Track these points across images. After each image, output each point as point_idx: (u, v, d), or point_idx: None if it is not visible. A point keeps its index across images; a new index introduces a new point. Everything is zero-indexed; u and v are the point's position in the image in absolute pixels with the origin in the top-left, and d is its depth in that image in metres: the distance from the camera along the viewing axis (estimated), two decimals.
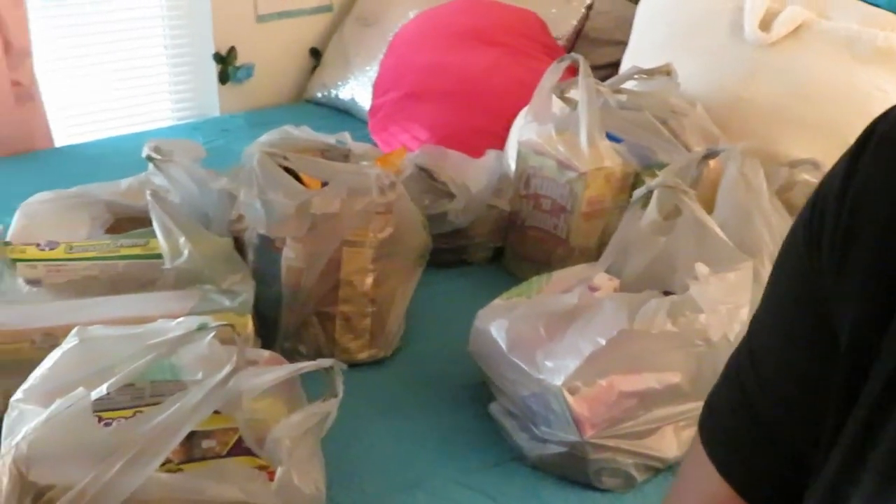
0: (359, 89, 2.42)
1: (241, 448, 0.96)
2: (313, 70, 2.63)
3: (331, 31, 2.63)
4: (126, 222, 1.45)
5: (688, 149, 1.54)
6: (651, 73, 1.71)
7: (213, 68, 2.49)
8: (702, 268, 1.14)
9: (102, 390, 0.87)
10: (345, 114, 2.47)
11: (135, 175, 1.52)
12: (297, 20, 2.59)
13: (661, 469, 1.14)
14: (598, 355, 1.08)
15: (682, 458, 1.09)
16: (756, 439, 0.50)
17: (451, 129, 1.99)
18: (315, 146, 1.53)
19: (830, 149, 0.50)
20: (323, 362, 1.01)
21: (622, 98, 1.65)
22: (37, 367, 0.95)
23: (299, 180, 1.36)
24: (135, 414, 0.93)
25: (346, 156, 1.53)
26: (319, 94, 2.55)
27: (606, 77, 1.79)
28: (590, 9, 2.31)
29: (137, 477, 0.84)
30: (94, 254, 1.29)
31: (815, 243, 0.46)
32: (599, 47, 2.25)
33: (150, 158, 1.42)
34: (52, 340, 1.04)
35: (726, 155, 1.39)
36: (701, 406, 0.56)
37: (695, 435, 0.56)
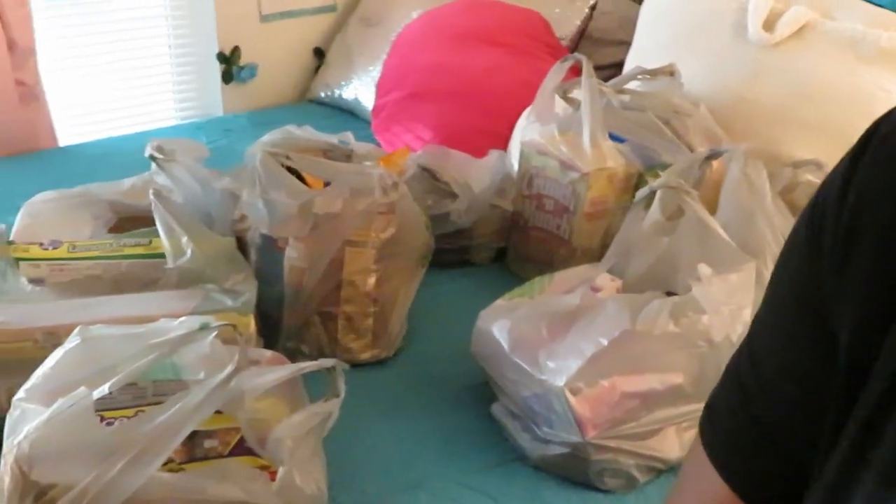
0: (362, 89, 2.42)
1: (242, 448, 0.97)
2: (317, 70, 2.63)
3: (334, 31, 2.64)
4: (129, 222, 1.46)
5: (691, 149, 1.54)
6: (654, 73, 1.71)
7: (216, 68, 2.49)
8: (704, 268, 1.14)
9: (104, 390, 0.88)
10: (348, 114, 2.47)
11: (138, 174, 1.52)
12: (301, 20, 2.59)
13: (663, 470, 1.14)
14: (600, 356, 1.08)
15: (684, 460, 1.09)
16: (756, 440, 0.50)
17: (454, 129, 1.99)
18: (318, 146, 1.53)
19: (834, 149, 0.50)
20: (325, 362, 1.01)
21: (625, 98, 1.64)
22: (39, 367, 0.95)
23: (302, 180, 1.36)
24: (137, 413, 0.93)
25: (348, 156, 1.53)
26: (323, 94, 2.55)
27: (610, 77, 1.79)
28: (593, 9, 2.31)
29: (139, 476, 0.84)
30: (97, 253, 1.29)
31: (816, 244, 0.46)
32: (603, 47, 2.24)
33: (153, 158, 1.43)
34: (54, 339, 1.04)
35: (729, 155, 1.39)
36: (703, 407, 0.56)
37: (696, 436, 0.56)
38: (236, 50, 2.49)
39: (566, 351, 1.11)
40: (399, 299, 1.38)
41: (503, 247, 1.70)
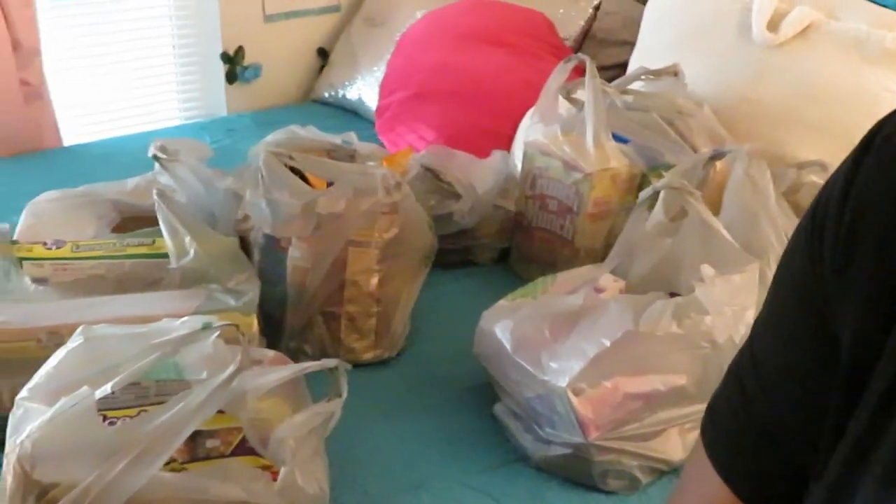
0: (366, 89, 2.42)
1: (244, 448, 0.97)
2: (321, 70, 2.63)
3: (338, 32, 2.64)
4: (133, 221, 1.46)
5: (694, 150, 1.54)
6: (658, 73, 1.71)
7: (220, 68, 2.50)
8: (707, 269, 1.13)
9: (107, 389, 0.88)
10: (352, 114, 2.47)
11: (142, 174, 1.53)
12: (305, 20, 2.59)
13: (665, 471, 1.14)
14: (602, 357, 1.08)
15: (686, 461, 1.08)
16: (757, 442, 0.50)
17: (457, 129, 1.99)
18: (321, 146, 1.53)
19: (838, 150, 0.50)
20: (327, 362, 1.01)
21: (629, 99, 1.64)
22: (42, 366, 0.95)
23: (305, 180, 1.36)
24: (139, 413, 0.93)
25: (351, 156, 1.53)
26: (327, 94, 2.55)
27: (614, 78, 1.79)
28: (597, 9, 2.30)
29: (141, 476, 0.84)
30: (100, 253, 1.29)
31: (817, 245, 0.46)
32: (607, 48, 2.24)
33: (156, 158, 1.43)
34: (57, 339, 1.04)
35: (733, 156, 1.38)
36: (705, 408, 0.56)
37: (698, 437, 0.56)
38: (240, 50, 2.50)
39: (569, 352, 1.11)
40: (402, 299, 1.38)
41: (506, 247, 1.70)
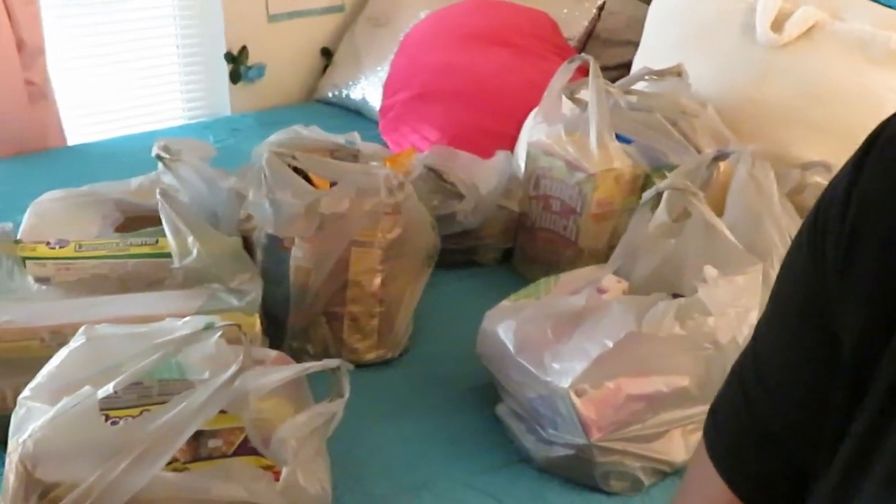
0: (370, 89, 2.42)
1: (247, 448, 0.97)
2: (324, 70, 2.63)
3: (342, 31, 2.64)
4: (136, 221, 1.46)
5: (698, 150, 1.54)
6: (662, 73, 1.71)
7: (224, 68, 2.50)
8: (711, 270, 1.13)
9: (109, 389, 0.88)
10: (356, 114, 2.47)
11: (145, 174, 1.53)
12: (309, 20, 2.60)
13: (668, 473, 1.13)
14: (605, 358, 1.07)
15: (689, 462, 1.08)
16: (758, 443, 0.50)
17: (461, 129, 1.99)
18: (324, 146, 1.53)
19: (842, 151, 0.49)
20: (329, 362, 1.01)
21: (632, 99, 1.64)
22: (45, 365, 0.95)
23: (309, 180, 1.36)
24: (142, 412, 0.93)
25: (355, 156, 1.53)
26: (330, 94, 2.55)
27: (618, 78, 1.79)
28: (601, 9, 2.30)
29: (143, 475, 0.84)
30: (103, 252, 1.29)
31: (819, 247, 0.46)
32: (611, 48, 2.24)
33: (160, 157, 1.43)
34: (60, 338, 1.05)
35: (737, 157, 1.38)
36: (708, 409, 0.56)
37: (700, 439, 0.56)
38: (244, 50, 2.50)
39: (571, 352, 1.10)
40: (405, 300, 1.38)
41: (509, 247, 1.69)
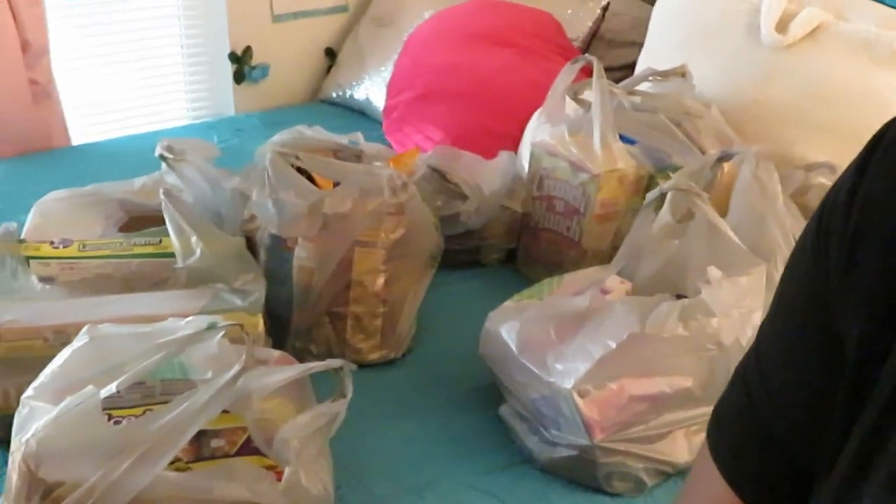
0: (373, 89, 2.42)
1: (249, 448, 0.97)
2: (328, 70, 2.63)
3: (346, 32, 2.64)
4: (140, 221, 1.46)
5: (702, 151, 1.53)
6: (666, 74, 1.70)
7: (228, 68, 2.50)
8: (714, 271, 1.13)
9: (112, 388, 0.88)
10: (359, 114, 2.47)
11: (149, 174, 1.53)
12: (313, 20, 2.60)
13: (671, 474, 1.13)
14: (608, 358, 1.07)
15: (692, 463, 1.08)
16: (761, 445, 0.50)
17: (464, 129, 1.99)
18: (327, 146, 1.53)
19: (847, 152, 0.49)
20: (332, 363, 1.01)
21: (636, 100, 1.64)
22: (48, 365, 0.95)
23: (312, 181, 1.36)
24: (144, 412, 0.94)
25: (358, 156, 1.53)
26: (334, 95, 2.55)
27: (622, 79, 1.78)
28: (605, 10, 2.30)
29: (146, 475, 0.84)
30: (107, 252, 1.29)
31: (822, 248, 0.46)
32: (615, 48, 2.24)
33: (163, 157, 1.43)
34: (64, 338, 1.05)
35: (741, 157, 1.38)
36: (711, 411, 0.55)
37: (704, 440, 0.56)
38: (248, 50, 2.50)
39: (574, 353, 1.10)
40: (408, 300, 1.38)
41: (513, 248, 1.69)
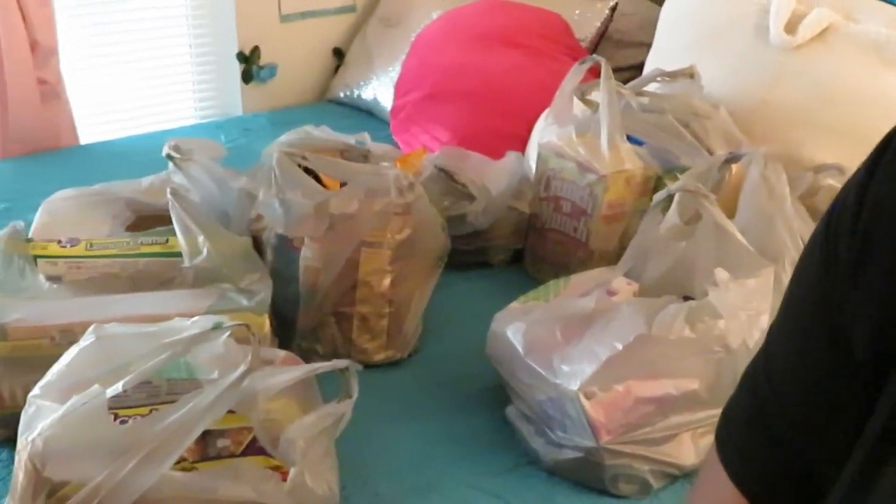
0: (381, 89, 2.42)
1: (255, 448, 0.97)
2: (336, 70, 2.63)
3: (354, 32, 2.64)
4: (147, 220, 1.46)
5: (710, 152, 1.53)
6: (674, 75, 1.70)
7: (236, 67, 2.50)
8: (721, 273, 1.12)
9: (118, 388, 0.88)
10: (367, 114, 2.47)
11: (157, 173, 1.53)
12: (321, 20, 2.60)
13: (678, 476, 1.13)
14: (615, 360, 1.07)
15: (700, 465, 1.08)
16: (769, 447, 0.50)
17: (472, 130, 1.99)
18: (334, 146, 1.53)
19: (856, 154, 0.49)
20: (338, 363, 1.01)
21: (644, 100, 1.63)
22: (55, 364, 0.95)
23: (319, 181, 1.36)
24: (150, 412, 0.94)
25: (365, 156, 1.53)
26: (342, 94, 2.55)
27: (630, 79, 1.78)
28: (614, 10, 2.29)
29: (151, 475, 0.84)
30: (114, 251, 1.29)
31: (832, 250, 0.45)
32: (623, 49, 2.23)
33: (170, 157, 1.43)
34: (70, 337, 1.05)
35: (749, 159, 1.37)
36: (719, 413, 0.55)
37: (712, 442, 0.55)
38: (256, 50, 2.50)
39: (581, 355, 1.10)
40: (414, 300, 1.38)
41: (520, 249, 1.69)
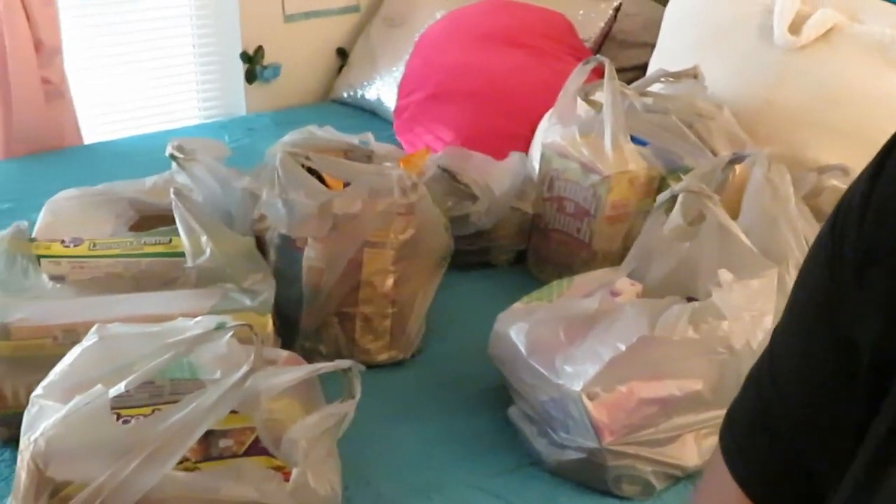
0: (385, 90, 2.42)
1: (257, 448, 0.97)
2: (340, 70, 2.64)
3: (358, 32, 2.64)
4: (150, 220, 1.46)
5: (714, 153, 1.53)
6: (678, 75, 1.70)
7: (240, 67, 2.50)
8: (725, 274, 1.12)
9: (121, 388, 0.88)
10: (371, 114, 2.47)
11: (160, 173, 1.53)
12: (325, 20, 2.60)
13: (681, 477, 1.13)
14: (618, 361, 1.07)
15: (704, 466, 1.07)
16: (773, 449, 0.50)
17: (475, 130, 1.98)
18: (338, 146, 1.53)
19: (860, 155, 0.49)
20: (341, 363, 1.01)
21: (648, 101, 1.63)
22: (58, 364, 0.95)
23: (322, 181, 1.36)
24: (153, 412, 0.94)
25: (368, 156, 1.53)
26: (346, 94, 2.55)
27: (634, 80, 1.78)
28: (618, 11, 2.29)
29: (154, 475, 0.84)
30: (117, 251, 1.30)
31: (837, 251, 0.45)
32: (627, 49, 2.23)
33: (174, 157, 1.43)
34: (73, 337, 1.05)
35: (753, 159, 1.37)
36: (723, 414, 0.55)
37: (717, 443, 0.55)
38: (260, 50, 2.50)
39: (584, 355, 1.10)
40: (417, 301, 1.38)
41: (523, 249, 1.69)
